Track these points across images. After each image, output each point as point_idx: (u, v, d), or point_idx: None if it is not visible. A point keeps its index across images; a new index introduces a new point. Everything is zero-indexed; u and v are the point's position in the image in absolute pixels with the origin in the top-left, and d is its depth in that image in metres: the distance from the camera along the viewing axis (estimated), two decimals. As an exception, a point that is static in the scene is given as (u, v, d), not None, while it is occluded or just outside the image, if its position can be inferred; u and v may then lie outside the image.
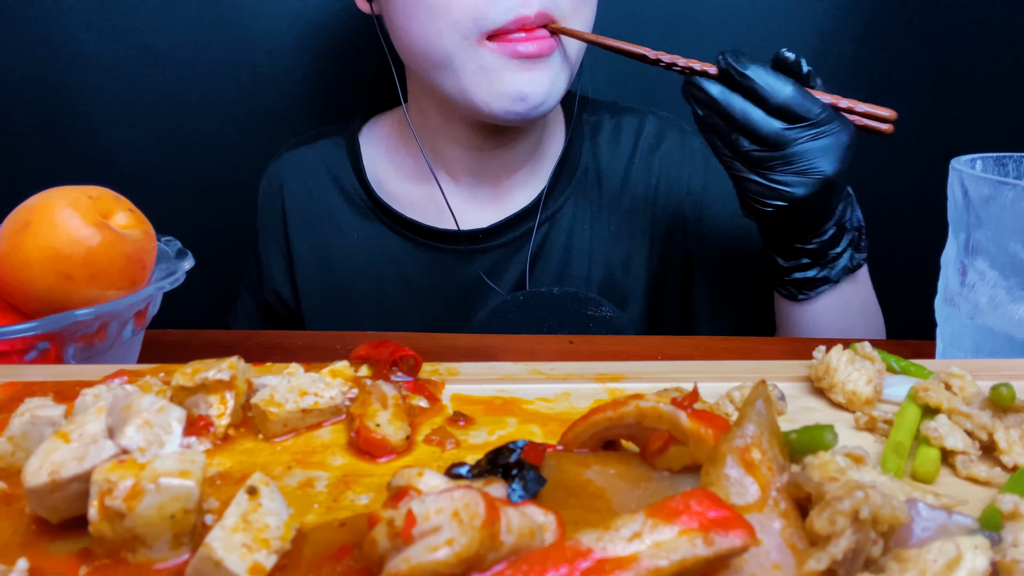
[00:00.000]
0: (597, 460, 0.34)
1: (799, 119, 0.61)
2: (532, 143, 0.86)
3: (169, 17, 1.06)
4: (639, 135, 0.89)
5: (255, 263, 0.93)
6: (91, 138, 1.09)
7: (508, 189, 0.87)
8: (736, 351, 0.66)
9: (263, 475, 0.29)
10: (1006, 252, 0.50)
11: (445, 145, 0.85)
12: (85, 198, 0.52)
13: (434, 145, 0.86)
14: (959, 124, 1.15)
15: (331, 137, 0.92)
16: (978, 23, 1.10)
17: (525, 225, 0.86)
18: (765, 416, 0.31)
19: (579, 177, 0.88)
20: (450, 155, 0.85)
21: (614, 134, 0.89)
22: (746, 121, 0.62)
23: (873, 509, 0.25)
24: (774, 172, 0.63)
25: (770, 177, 0.63)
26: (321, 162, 0.90)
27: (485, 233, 0.85)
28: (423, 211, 0.87)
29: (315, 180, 0.90)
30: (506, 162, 0.86)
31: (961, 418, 0.37)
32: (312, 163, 0.91)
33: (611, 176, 0.88)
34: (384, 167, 0.89)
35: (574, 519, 0.29)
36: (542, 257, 0.86)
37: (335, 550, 0.28)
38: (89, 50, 1.06)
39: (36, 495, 0.29)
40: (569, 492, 0.31)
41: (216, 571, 0.26)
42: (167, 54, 1.07)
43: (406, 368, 0.42)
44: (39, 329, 0.47)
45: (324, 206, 0.89)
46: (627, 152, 0.88)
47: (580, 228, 0.87)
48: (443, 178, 0.86)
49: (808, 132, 0.61)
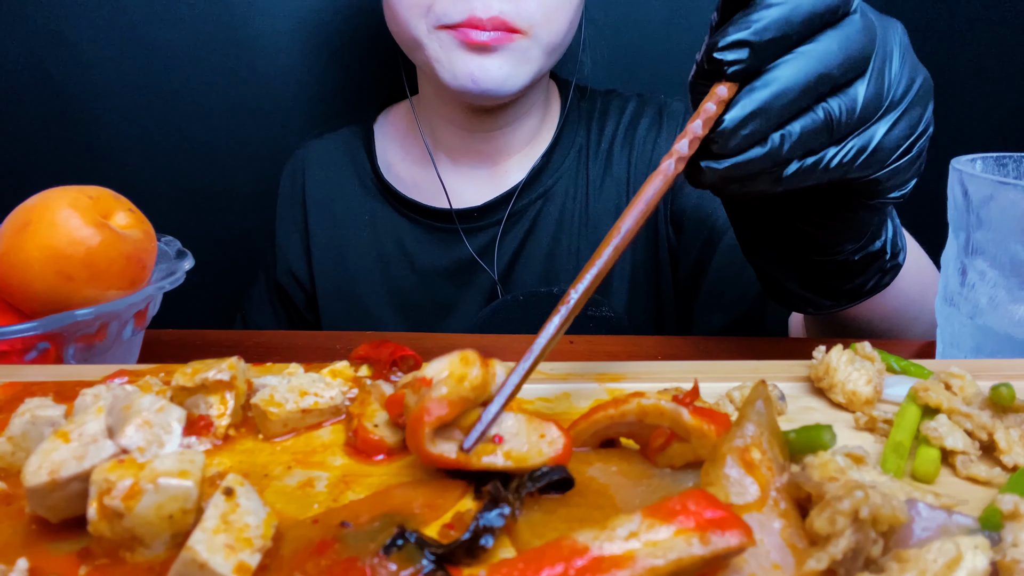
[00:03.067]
0: (598, 458, 0.34)
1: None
2: (529, 128, 0.90)
3: (170, 17, 1.06)
4: (621, 116, 0.93)
5: (271, 246, 0.97)
6: (91, 138, 1.09)
7: (505, 171, 0.91)
8: (736, 351, 0.66)
9: (237, 475, 0.29)
10: (1006, 252, 0.50)
11: (444, 128, 0.90)
12: (85, 198, 0.52)
13: (435, 129, 0.91)
14: (959, 124, 1.15)
15: (351, 127, 0.98)
16: (978, 23, 1.10)
17: (517, 204, 0.89)
18: (765, 416, 0.31)
19: (571, 158, 0.91)
20: (449, 138, 0.90)
21: (601, 118, 0.93)
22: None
23: (873, 509, 0.25)
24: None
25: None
26: (340, 150, 0.96)
27: (479, 211, 0.89)
28: (425, 192, 0.91)
29: (334, 166, 0.95)
30: (503, 145, 0.90)
31: (961, 418, 0.37)
32: (333, 151, 0.96)
33: (597, 157, 0.91)
34: (394, 152, 0.95)
35: (579, 516, 0.30)
36: (534, 235, 0.90)
37: (315, 545, 0.28)
38: (90, 50, 1.06)
39: (36, 494, 0.29)
40: (572, 490, 0.31)
41: (201, 573, 0.26)
42: (168, 54, 1.07)
43: (406, 368, 0.42)
44: (39, 329, 0.47)
45: (340, 190, 0.94)
46: (611, 133, 0.92)
47: (570, 208, 0.90)
48: (444, 161, 0.91)
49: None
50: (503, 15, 0.75)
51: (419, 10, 0.77)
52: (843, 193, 0.49)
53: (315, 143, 0.98)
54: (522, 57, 0.78)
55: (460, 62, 0.77)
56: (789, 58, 0.41)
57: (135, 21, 1.06)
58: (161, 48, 1.07)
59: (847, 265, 0.56)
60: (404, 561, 0.27)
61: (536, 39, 0.78)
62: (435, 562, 0.28)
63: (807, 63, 0.40)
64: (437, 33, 0.77)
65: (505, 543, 0.29)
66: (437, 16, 0.76)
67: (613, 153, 0.91)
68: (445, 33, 0.77)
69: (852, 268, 0.56)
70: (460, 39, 0.76)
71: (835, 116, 0.42)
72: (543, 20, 0.77)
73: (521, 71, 0.78)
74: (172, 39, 1.07)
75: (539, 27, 0.77)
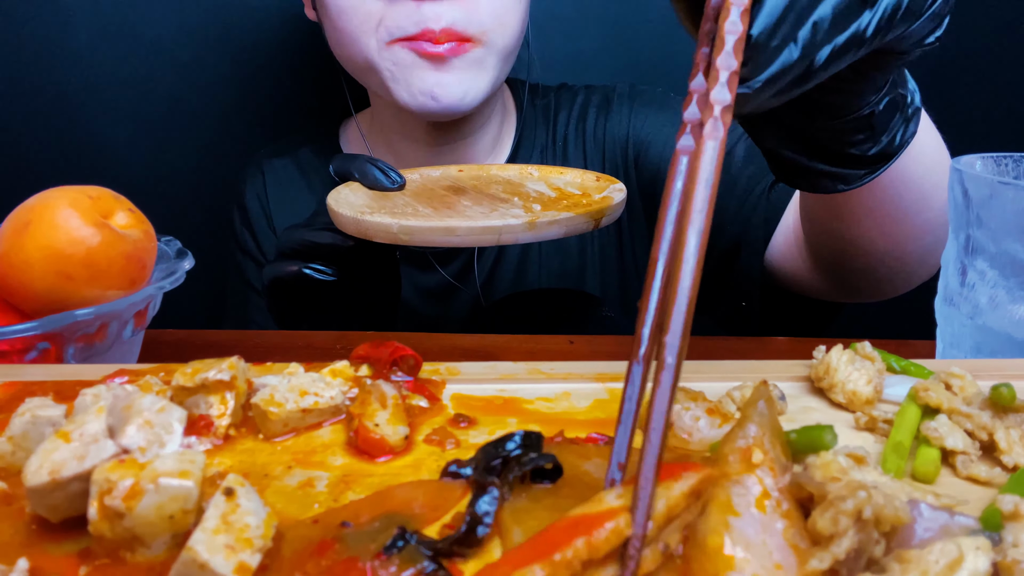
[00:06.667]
0: (598, 453, 0.34)
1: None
2: (491, 135, 0.88)
3: (170, 18, 1.06)
4: (572, 108, 0.91)
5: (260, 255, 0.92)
6: (91, 138, 1.09)
7: None
8: (736, 351, 0.66)
9: (237, 475, 0.29)
10: (1006, 252, 0.50)
11: (404, 144, 0.87)
12: (85, 198, 0.52)
13: (392, 145, 0.88)
14: (959, 124, 1.15)
15: (307, 146, 0.94)
16: (978, 23, 1.10)
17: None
18: (767, 416, 0.31)
19: (535, 159, 0.90)
20: (410, 154, 0.87)
21: (555, 114, 0.92)
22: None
23: (876, 509, 0.25)
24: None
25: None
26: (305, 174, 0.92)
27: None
28: None
29: (299, 193, 0.91)
30: (466, 156, 0.87)
31: (961, 418, 0.37)
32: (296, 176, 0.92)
33: (555, 153, 0.90)
34: None
35: (564, 508, 0.29)
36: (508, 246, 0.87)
37: (315, 546, 0.28)
38: (89, 50, 1.06)
39: (36, 494, 0.29)
40: (565, 481, 0.32)
41: (201, 573, 0.26)
42: (168, 54, 1.07)
43: (406, 368, 0.42)
44: (39, 329, 0.47)
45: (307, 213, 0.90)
46: (563, 127, 0.91)
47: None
48: None
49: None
50: (454, 25, 0.73)
51: (369, 26, 0.74)
52: (874, 52, 0.42)
53: (271, 166, 0.93)
54: (479, 67, 0.76)
55: (417, 79, 0.74)
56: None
57: (135, 21, 1.06)
58: (162, 49, 1.07)
59: (871, 119, 0.48)
60: (405, 561, 0.27)
61: (490, 46, 0.76)
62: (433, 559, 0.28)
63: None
64: (390, 49, 0.74)
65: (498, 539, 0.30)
66: (389, 30, 0.74)
67: (568, 146, 0.90)
68: (399, 47, 0.74)
69: (877, 121, 0.49)
70: (416, 51, 0.73)
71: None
72: (495, 25, 0.75)
73: (479, 82, 0.76)
74: (173, 40, 1.07)
75: (492, 32, 0.75)
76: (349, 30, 0.75)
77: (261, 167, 0.94)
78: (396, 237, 0.53)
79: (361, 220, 0.54)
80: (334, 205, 0.57)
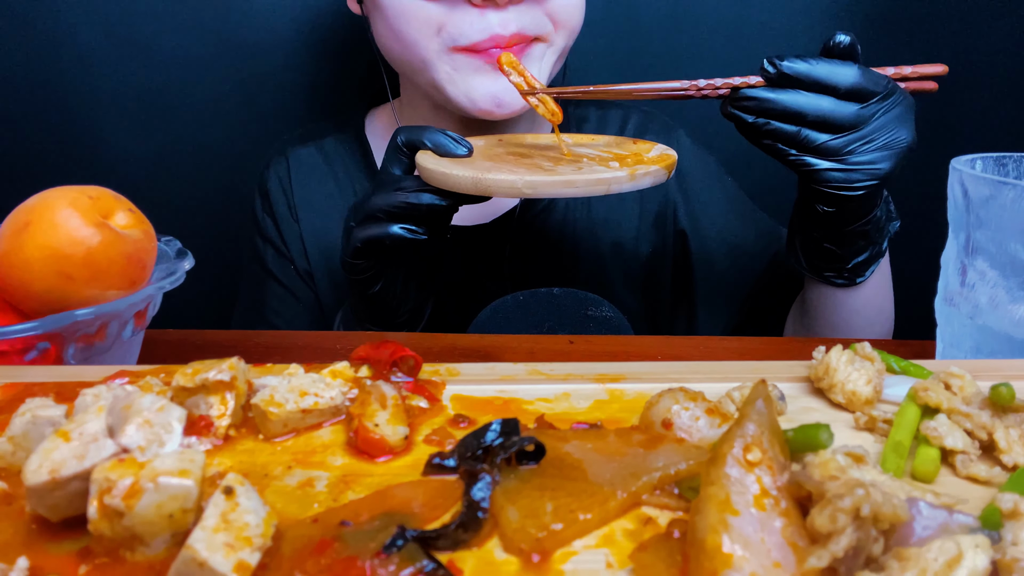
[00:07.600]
0: (576, 436, 0.36)
1: (870, 95, 0.60)
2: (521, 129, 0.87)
3: (170, 18, 1.06)
4: (623, 128, 0.91)
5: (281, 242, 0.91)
6: (91, 138, 1.09)
7: None
8: (736, 351, 0.66)
9: (237, 475, 0.29)
10: (1006, 252, 0.50)
11: None
12: (85, 198, 0.52)
13: None
14: (959, 124, 1.15)
15: (334, 135, 0.93)
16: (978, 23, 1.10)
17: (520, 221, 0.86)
18: (765, 415, 0.31)
19: None
20: None
21: (600, 126, 0.91)
22: (819, 113, 0.61)
23: (874, 507, 0.25)
24: (855, 155, 0.62)
25: (851, 161, 0.62)
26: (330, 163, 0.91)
27: (479, 231, 0.86)
28: None
29: (322, 177, 0.91)
30: None
31: (961, 418, 0.37)
32: (320, 165, 0.92)
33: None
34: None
35: (551, 486, 0.32)
36: (538, 248, 0.87)
37: (315, 545, 0.29)
38: (89, 50, 1.06)
39: (36, 493, 0.29)
40: (548, 462, 0.34)
41: (201, 572, 0.26)
42: (168, 55, 1.07)
43: (406, 368, 0.42)
44: (39, 329, 0.47)
45: (332, 202, 0.90)
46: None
47: (571, 217, 0.88)
48: None
49: (882, 106, 0.61)
50: (523, 30, 0.73)
51: (428, 31, 0.73)
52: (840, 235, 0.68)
53: (297, 156, 0.93)
54: (537, 65, 0.76)
55: (478, 84, 0.74)
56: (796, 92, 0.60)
57: (135, 22, 1.06)
58: (162, 49, 1.07)
59: (877, 222, 0.68)
60: (404, 560, 0.28)
61: (553, 44, 0.77)
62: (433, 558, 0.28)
63: (799, 99, 0.60)
64: (451, 55, 0.74)
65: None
66: (452, 37, 0.73)
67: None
68: (461, 56, 0.74)
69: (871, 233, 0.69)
70: (483, 61, 0.73)
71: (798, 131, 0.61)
72: (562, 22, 0.76)
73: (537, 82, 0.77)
74: (172, 40, 1.07)
75: (555, 33, 0.76)
76: (406, 33, 0.75)
77: (285, 154, 0.93)
78: (520, 191, 0.56)
79: (482, 178, 0.57)
80: (443, 168, 0.59)
